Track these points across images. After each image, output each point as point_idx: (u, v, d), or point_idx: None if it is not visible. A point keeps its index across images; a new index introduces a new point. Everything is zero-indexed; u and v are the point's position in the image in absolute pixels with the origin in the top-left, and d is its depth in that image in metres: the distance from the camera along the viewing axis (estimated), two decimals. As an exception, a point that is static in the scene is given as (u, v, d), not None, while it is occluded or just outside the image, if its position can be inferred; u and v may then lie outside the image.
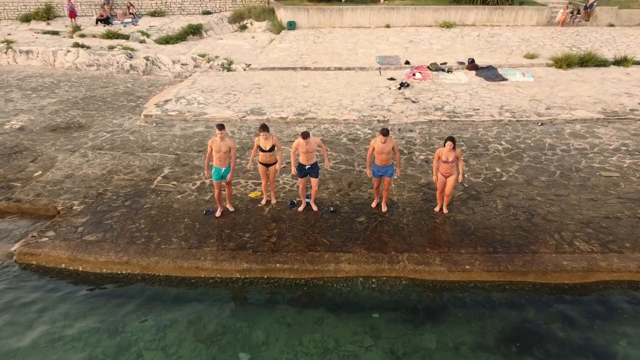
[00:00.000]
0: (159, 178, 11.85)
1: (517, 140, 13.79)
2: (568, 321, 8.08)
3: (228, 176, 9.70)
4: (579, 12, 26.31)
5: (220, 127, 9.41)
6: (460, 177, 9.71)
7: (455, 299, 8.55)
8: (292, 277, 8.87)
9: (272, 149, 9.88)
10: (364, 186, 11.41)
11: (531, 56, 20.61)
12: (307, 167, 9.84)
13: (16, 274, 9.16)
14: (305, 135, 9.40)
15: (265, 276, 8.89)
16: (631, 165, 12.40)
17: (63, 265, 9.15)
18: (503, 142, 13.68)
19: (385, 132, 9.25)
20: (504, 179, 11.76)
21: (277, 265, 8.89)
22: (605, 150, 13.18)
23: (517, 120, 15.03)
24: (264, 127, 9.62)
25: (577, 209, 10.47)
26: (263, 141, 9.76)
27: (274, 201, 10.62)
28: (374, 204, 10.42)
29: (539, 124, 14.91)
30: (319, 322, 8.08)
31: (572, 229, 9.80)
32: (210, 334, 7.90)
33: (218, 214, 10.18)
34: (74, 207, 10.63)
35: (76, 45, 22.48)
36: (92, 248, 9.30)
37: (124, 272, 9.01)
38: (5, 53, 22.51)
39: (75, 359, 7.38)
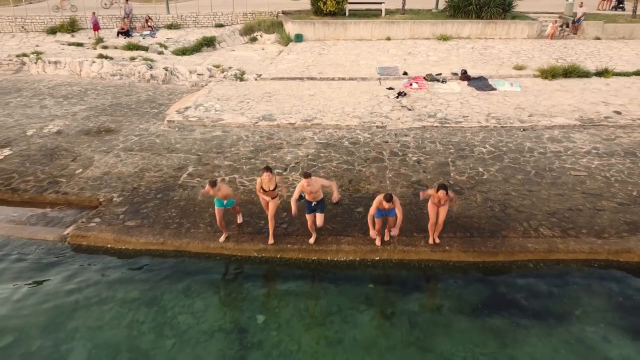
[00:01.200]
0: (185, 175, 13.65)
1: (500, 144, 15.51)
2: (531, 292, 9.74)
3: (232, 207, 10.57)
4: (567, 26, 28.05)
5: (213, 184, 9.84)
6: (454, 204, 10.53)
7: (437, 275, 10.25)
8: (300, 256, 10.59)
9: (275, 188, 10.15)
10: (362, 182, 13.15)
11: (520, 67, 22.34)
12: (313, 204, 10.11)
13: (69, 252, 10.95)
14: (306, 175, 9.46)
15: (278, 255, 10.62)
16: (598, 166, 14.08)
17: (109, 245, 10.94)
18: (487, 146, 15.40)
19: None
20: (485, 177, 13.48)
21: (288, 246, 10.64)
22: (578, 153, 14.89)
23: (502, 127, 16.75)
24: (267, 169, 9.85)
25: (546, 202, 12.18)
26: (266, 182, 9.98)
27: (271, 241, 10.60)
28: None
29: (521, 129, 16.62)
30: (324, 292, 9.80)
31: (539, 218, 11.52)
32: (232, 301, 9.64)
33: (222, 239, 10.62)
34: (113, 199, 12.44)
35: (100, 56, 24.42)
36: (133, 231, 11.09)
37: (160, 251, 10.78)
38: (35, 63, 24.49)
39: (121, 321, 9.04)
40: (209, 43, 27.04)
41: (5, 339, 8.57)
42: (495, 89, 20.33)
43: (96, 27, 27.48)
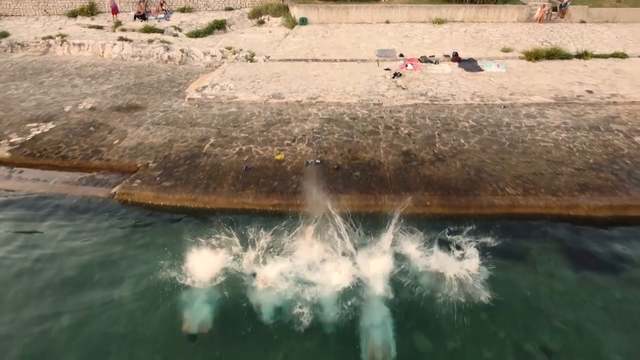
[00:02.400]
0: (207, 145, 15.92)
1: (482, 119, 17.69)
2: (496, 237, 11.95)
3: None
4: (555, 10, 29.88)
5: None
6: None
7: (419, 225, 12.51)
8: (307, 210, 12.89)
9: None
10: (359, 152, 15.40)
11: (507, 50, 24.35)
12: None
13: (116, 207, 13.29)
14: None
15: (289, 209, 12.93)
16: (565, 138, 16.28)
17: (149, 202, 13.28)
18: (470, 121, 17.58)
19: None
20: (465, 147, 15.71)
21: (297, 201, 12.96)
22: (548, 127, 17.06)
23: (485, 104, 18.89)
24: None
25: (514, 168, 14.43)
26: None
27: None
28: None
29: (502, 107, 18.76)
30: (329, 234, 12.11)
31: (506, 180, 13.79)
32: (251, 240, 11.89)
33: None
34: (149, 165, 14.74)
35: (120, 39, 26.46)
36: (169, 190, 13.42)
37: (192, 206, 13.12)
38: (61, 45, 26.56)
39: (158, 259, 11.27)
40: (220, 26, 28.99)
41: (72, 270, 10.97)
42: (483, 70, 22.38)
43: (115, 10, 29.43)
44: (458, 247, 11.51)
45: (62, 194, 13.73)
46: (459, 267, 10.77)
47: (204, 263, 10.85)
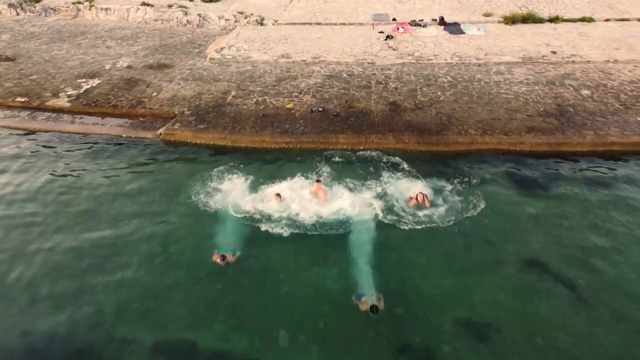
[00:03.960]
0: (230, 97, 19.44)
1: (458, 76, 21.09)
2: (456, 167, 15.64)
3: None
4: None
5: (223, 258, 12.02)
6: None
7: (399, 157, 16.16)
8: (312, 146, 16.51)
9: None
10: (354, 102, 18.93)
11: (488, 14, 27.42)
12: None
13: (162, 145, 16.94)
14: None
15: (299, 146, 16.56)
16: (524, 91, 19.72)
17: (188, 140, 16.93)
18: (448, 77, 20.99)
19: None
20: (441, 99, 19.20)
21: (305, 139, 16.60)
22: (512, 83, 20.48)
23: (462, 63, 22.24)
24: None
25: (478, 114, 17.97)
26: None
27: None
28: None
29: (477, 65, 22.12)
30: (325, 160, 15.73)
31: (470, 124, 17.36)
32: (268, 171, 15.53)
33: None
34: (184, 112, 18.32)
35: (143, 3, 29.49)
36: (203, 131, 17.06)
37: (222, 143, 16.76)
38: (89, 10, 29.65)
39: (199, 185, 14.85)
40: (230, -9, 31.85)
41: (133, 190, 14.71)
42: (465, 33, 25.56)
43: (135, -23, 32.23)
44: (427, 175, 15.10)
45: (118, 135, 17.39)
46: (424, 189, 14.35)
47: (233, 189, 14.43)
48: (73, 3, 30.09)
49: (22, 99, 19.44)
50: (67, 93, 19.91)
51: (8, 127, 18.04)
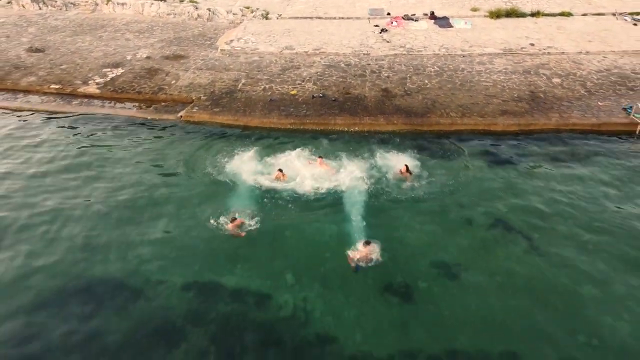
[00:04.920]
0: (240, 84, 21.91)
1: (444, 66, 23.53)
2: (439, 144, 18.16)
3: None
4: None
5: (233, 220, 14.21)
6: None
7: (387, 137, 18.65)
8: (314, 127, 19.01)
9: None
10: (350, 89, 21.41)
11: (475, 9, 29.79)
12: None
13: (182, 125, 19.45)
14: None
15: (302, 127, 19.05)
16: (502, 79, 22.17)
17: (206, 121, 19.43)
18: (435, 67, 23.44)
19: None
20: (428, 86, 21.66)
21: (307, 120, 19.10)
22: (492, 72, 22.93)
23: (449, 54, 24.67)
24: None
25: (459, 100, 20.45)
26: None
27: None
28: None
29: (462, 56, 24.56)
30: (326, 141, 18.25)
31: (452, 108, 19.85)
32: (275, 147, 18.05)
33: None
34: (201, 97, 20.81)
35: (157, -1, 31.88)
36: (218, 114, 19.56)
37: (235, 124, 19.27)
38: (107, 4, 32.01)
39: (215, 160, 17.39)
40: (237, -13, 34.16)
41: (159, 163, 17.24)
42: (453, 27, 27.95)
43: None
44: (412, 151, 17.60)
45: (144, 117, 19.90)
46: (409, 162, 16.86)
47: (245, 162, 16.92)
48: (91, -2, 32.42)
49: (56, 86, 21.92)
50: (96, 81, 22.39)
51: (46, 110, 20.54)
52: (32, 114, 20.45)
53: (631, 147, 17.89)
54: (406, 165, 16.13)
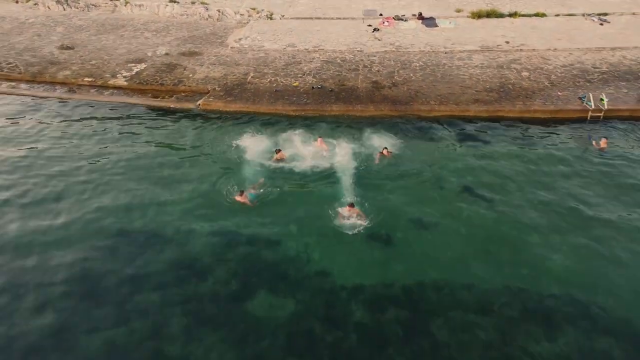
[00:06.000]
0: (249, 77, 25.18)
1: (428, 62, 26.78)
2: (419, 127, 21.44)
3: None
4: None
5: (241, 193, 17.16)
6: None
7: (375, 122, 21.92)
8: (313, 114, 22.29)
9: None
10: (345, 81, 24.68)
11: (459, 10, 33.00)
12: None
13: (201, 112, 22.73)
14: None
15: (303, 114, 22.33)
16: (478, 73, 25.40)
17: (220, 109, 22.71)
18: (420, 62, 26.68)
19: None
20: (412, 79, 24.93)
21: (307, 108, 22.38)
22: (470, 66, 26.17)
23: (433, 51, 27.90)
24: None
25: (439, 90, 23.71)
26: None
27: None
28: None
29: (444, 53, 27.80)
30: (324, 124, 21.53)
31: (432, 97, 23.11)
32: (280, 131, 21.28)
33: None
34: (216, 89, 24.09)
35: (171, 1, 35.09)
36: (231, 102, 22.84)
37: (245, 111, 22.56)
38: (125, 5, 35.23)
39: (229, 140, 20.73)
40: (243, -11, 37.36)
41: (179, 142, 20.52)
42: (438, 26, 31.18)
43: (162, -23, 37.73)
44: (395, 134, 20.89)
45: (167, 106, 23.18)
46: (391, 145, 20.14)
47: (254, 143, 20.14)
48: (111, 0, 35.66)
49: (89, 79, 25.19)
50: (123, 74, 25.65)
51: (82, 99, 23.81)
52: (66, 102, 23.71)
53: (578, 132, 21.18)
54: (385, 148, 19.33)
